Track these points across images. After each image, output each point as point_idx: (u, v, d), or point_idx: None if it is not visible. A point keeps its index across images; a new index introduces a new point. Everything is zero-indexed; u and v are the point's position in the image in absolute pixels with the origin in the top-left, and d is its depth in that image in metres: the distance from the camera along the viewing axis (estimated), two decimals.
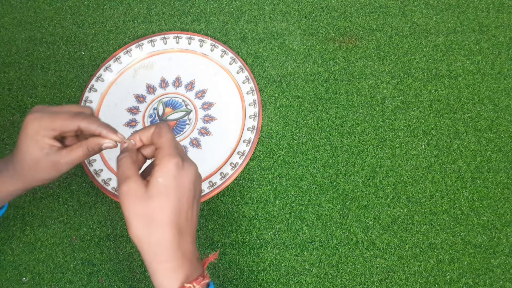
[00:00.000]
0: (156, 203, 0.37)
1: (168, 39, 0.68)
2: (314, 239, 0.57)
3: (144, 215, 0.37)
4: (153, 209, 0.37)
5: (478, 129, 0.63)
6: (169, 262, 0.38)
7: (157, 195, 0.37)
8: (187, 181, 0.39)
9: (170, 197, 0.38)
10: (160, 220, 0.37)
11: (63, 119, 0.41)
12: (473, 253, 0.56)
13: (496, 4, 0.71)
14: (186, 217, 0.39)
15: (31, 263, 0.56)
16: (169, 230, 0.38)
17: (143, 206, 0.37)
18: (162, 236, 0.38)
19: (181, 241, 0.39)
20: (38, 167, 0.42)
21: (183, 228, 0.39)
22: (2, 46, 0.69)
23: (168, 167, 0.38)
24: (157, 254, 0.38)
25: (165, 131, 0.40)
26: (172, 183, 0.38)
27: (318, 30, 0.69)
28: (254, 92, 0.64)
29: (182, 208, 0.39)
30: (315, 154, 0.62)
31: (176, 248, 0.38)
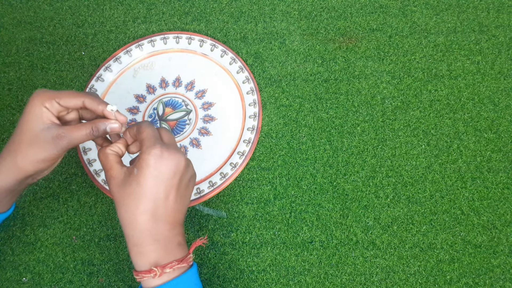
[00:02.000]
0: (129, 190, 0.39)
1: (168, 39, 0.68)
2: (314, 239, 0.57)
3: (120, 200, 0.40)
4: (127, 195, 0.40)
5: (478, 129, 0.63)
6: (141, 246, 0.40)
7: (129, 184, 0.40)
8: (165, 171, 0.40)
9: (142, 186, 0.39)
10: (133, 207, 0.40)
11: (68, 93, 0.42)
12: (473, 253, 0.56)
13: (496, 4, 0.71)
14: (164, 206, 0.41)
15: (31, 263, 0.56)
16: (142, 217, 0.40)
17: (120, 191, 0.40)
18: (134, 222, 0.40)
19: (155, 228, 0.40)
20: (36, 142, 0.41)
21: (160, 216, 0.40)
22: (2, 46, 0.69)
23: (145, 158, 0.39)
24: (130, 237, 0.40)
25: (144, 127, 0.42)
26: (146, 173, 0.39)
27: (318, 30, 0.69)
28: (254, 92, 0.64)
29: (157, 197, 0.40)
30: (315, 154, 0.62)
31: (148, 234, 0.40)
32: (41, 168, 0.43)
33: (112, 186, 0.41)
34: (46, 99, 0.41)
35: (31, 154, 0.41)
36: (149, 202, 0.40)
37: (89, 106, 0.43)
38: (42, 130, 0.41)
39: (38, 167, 0.42)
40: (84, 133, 0.42)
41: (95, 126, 0.42)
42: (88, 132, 0.42)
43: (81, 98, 0.42)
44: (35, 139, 0.41)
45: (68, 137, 0.42)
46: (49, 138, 0.41)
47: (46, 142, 0.41)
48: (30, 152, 0.41)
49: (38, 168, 0.43)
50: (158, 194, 0.40)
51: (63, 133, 0.41)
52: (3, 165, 0.43)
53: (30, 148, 0.41)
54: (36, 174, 0.44)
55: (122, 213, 0.40)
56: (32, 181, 0.46)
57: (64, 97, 0.42)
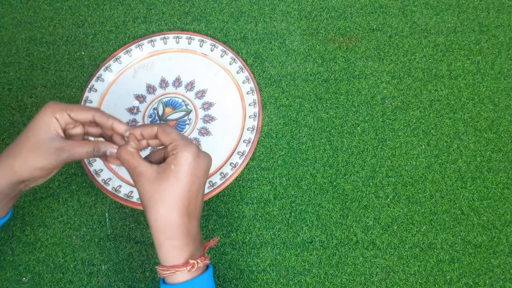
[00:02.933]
0: (165, 186, 0.40)
1: (168, 39, 0.68)
2: (314, 239, 0.57)
3: (155, 196, 0.40)
4: (163, 191, 0.40)
5: (478, 129, 0.63)
6: (176, 240, 0.41)
7: (166, 179, 0.40)
8: (201, 169, 0.42)
9: (180, 182, 0.40)
10: (169, 202, 0.40)
11: (80, 107, 0.44)
12: (473, 253, 0.56)
13: (496, 4, 0.71)
14: (195, 203, 0.42)
15: (31, 263, 0.56)
16: (177, 212, 0.41)
17: (153, 187, 0.40)
18: (171, 217, 0.41)
19: (188, 224, 0.42)
20: (38, 150, 0.42)
21: (191, 212, 0.42)
22: (2, 46, 0.69)
23: (185, 156, 0.41)
24: (164, 232, 0.41)
25: (169, 129, 0.43)
26: (185, 170, 0.41)
27: (318, 30, 0.69)
28: (254, 92, 0.64)
29: (191, 193, 0.41)
30: (315, 154, 0.62)
31: (183, 229, 0.41)
32: (36, 175, 0.43)
33: (143, 182, 0.41)
34: (58, 110, 0.43)
35: (30, 160, 0.42)
36: (186, 198, 0.41)
37: (98, 120, 0.44)
38: (47, 140, 0.42)
39: (33, 174, 0.43)
40: (86, 150, 0.43)
41: (97, 146, 0.44)
42: (90, 151, 0.43)
43: (92, 112, 0.44)
44: (38, 147, 0.42)
45: (69, 151, 0.43)
46: (52, 148, 0.42)
47: (47, 151, 0.42)
48: (30, 157, 0.42)
49: (33, 175, 0.43)
50: (192, 191, 0.42)
51: (66, 146, 0.43)
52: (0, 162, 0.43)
53: (31, 154, 0.42)
54: (29, 181, 0.44)
55: (155, 208, 0.41)
56: (25, 188, 0.46)
57: (76, 110, 0.44)
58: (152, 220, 0.41)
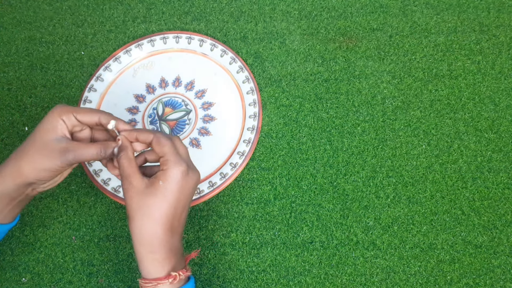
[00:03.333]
0: (152, 201, 0.41)
1: (168, 38, 0.68)
2: (314, 239, 0.57)
3: (141, 209, 0.41)
4: (150, 205, 0.41)
5: (479, 129, 0.63)
6: (158, 254, 0.41)
7: (154, 195, 0.41)
8: (188, 188, 0.42)
9: (167, 199, 0.41)
10: (154, 217, 0.41)
11: (86, 109, 0.44)
12: (474, 254, 0.56)
13: (496, 4, 0.71)
14: (179, 219, 0.43)
15: (30, 264, 0.56)
16: (161, 228, 0.41)
17: (140, 201, 0.41)
18: (155, 232, 0.41)
19: (171, 239, 0.42)
20: (44, 150, 0.42)
21: (175, 228, 0.42)
22: (1, 46, 0.69)
23: (175, 173, 0.41)
24: (147, 245, 0.41)
25: (164, 140, 0.43)
26: (173, 188, 0.41)
27: (318, 30, 0.69)
28: (254, 92, 0.64)
29: (177, 211, 0.42)
30: (315, 154, 0.61)
31: (165, 244, 0.42)
32: (42, 177, 0.43)
33: (132, 193, 0.41)
34: (65, 112, 0.43)
35: (36, 161, 0.42)
36: (171, 215, 0.41)
37: (104, 122, 0.44)
38: (53, 141, 0.42)
39: (39, 176, 0.43)
40: (92, 151, 0.43)
41: (103, 146, 0.44)
42: (97, 152, 0.43)
43: (98, 114, 0.44)
44: (44, 147, 0.42)
45: (75, 152, 0.43)
46: (57, 149, 0.42)
47: (53, 152, 0.42)
48: (35, 158, 0.42)
49: (39, 177, 0.43)
50: (178, 209, 0.42)
51: (71, 147, 0.43)
52: (6, 167, 0.43)
53: (37, 154, 0.42)
54: (36, 183, 0.44)
55: (140, 221, 0.41)
56: (32, 192, 0.46)
57: (82, 112, 0.44)
58: (136, 232, 0.41)
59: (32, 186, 0.44)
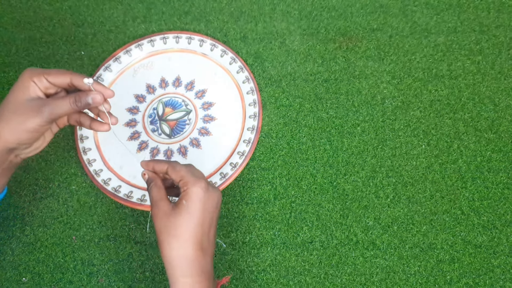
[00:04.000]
0: (180, 221, 0.40)
1: (168, 39, 0.68)
2: (314, 239, 0.57)
3: (169, 231, 0.40)
4: (177, 226, 0.40)
5: (479, 129, 0.63)
6: (190, 277, 0.40)
7: (180, 214, 0.41)
8: (211, 204, 0.42)
9: (193, 216, 0.41)
10: (183, 237, 0.40)
11: (57, 71, 0.44)
12: (473, 253, 0.56)
13: (496, 4, 0.71)
14: (208, 238, 0.42)
15: (30, 263, 0.56)
16: (191, 247, 0.40)
17: (169, 222, 0.41)
18: (184, 252, 0.40)
19: (203, 260, 0.41)
20: (19, 110, 0.42)
21: (205, 247, 0.42)
22: (1, 46, 0.69)
23: (196, 191, 0.41)
24: (178, 268, 0.40)
25: (178, 165, 0.44)
26: (197, 205, 0.41)
27: (318, 30, 0.69)
28: (254, 92, 0.64)
29: (204, 228, 0.41)
30: (315, 154, 0.61)
31: (197, 265, 0.41)
32: (23, 139, 0.43)
33: (159, 216, 0.42)
34: (35, 75, 0.43)
35: (13, 122, 0.42)
36: (199, 233, 0.41)
37: (76, 83, 0.44)
38: (27, 101, 0.42)
39: (19, 138, 0.42)
40: (67, 102, 0.43)
41: (78, 96, 0.44)
42: (71, 101, 0.43)
43: (69, 75, 0.44)
44: (18, 107, 0.42)
45: (50, 105, 0.43)
46: (32, 106, 0.42)
47: (28, 110, 0.42)
48: (12, 120, 0.42)
49: (19, 139, 0.42)
50: (205, 226, 0.42)
51: (45, 102, 0.43)
52: None
53: (13, 115, 0.42)
54: (17, 148, 0.44)
55: (168, 242, 0.41)
56: (16, 159, 0.45)
57: (53, 74, 0.44)
58: (167, 255, 0.41)
59: (14, 152, 0.44)
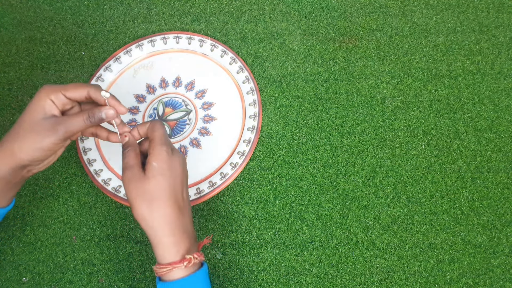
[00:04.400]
0: (154, 182, 0.42)
1: (168, 39, 0.68)
2: (314, 239, 0.57)
3: (145, 195, 0.42)
4: (152, 188, 0.42)
5: (478, 129, 0.63)
6: (171, 236, 0.42)
7: (153, 176, 0.42)
8: (177, 165, 0.44)
9: (165, 176, 0.42)
10: (160, 197, 0.42)
11: (74, 85, 0.44)
12: (473, 253, 0.56)
13: (496, 4, 0.71)
14: (182, 197, 0.44)
15: (31, 263, 0.56)
16: (169, 206, 0.42)
17: (143, 187, 0.42)
18: (164, 212, 0.42)
19: (182, 219, 0.43)
20: (35, 129, 0.42)
21: (182, 206, 0.43)
22: (2, 46, 0.69)
23: (160, 153, 0.43)
24: (159, 229, 0.42)
25: (158, 127, 0.45)
26: (165, 165, 0.43)
27: (318, 30, 0.69)
28: (254, 92, 0.64)
29: (177, 187, 0.43)
30: (315, 154, 0.62)
31: (178, 224, 0.42)
32: (36, 157, 0.43)
33: (132, 181, 0.42)
34: (52, 92, 0.43)
35: (28, 141, 0.42)
36: (173, 193, 0.43)
37: (93, 96, 0.45)
38: (42, 120, 0.42)
39: (33, 156, 0.43)
40: (81, 119, 0.44)
41: (91, 112, 0.44)
42: (85, 118, 0.44)
43: (86, 88, 0.44)
44: (34, 127, 0.42)
45: (65, 124, 0.43)
46: (47, 125, 0.42)
47: (44, 129, 0.42)
48: (28, 138, 0.42)
49: (33, 157, 0.43)
50: (177, 186, 0.43)
51: (60, 121, 0.43)
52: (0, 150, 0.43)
53: (29, 134, 0.42)
54: (31, 164, 0.44)
55: (152, 206, 0.42)
56: (27, 174, 0.45)
57: (70, 89, 0.44)
58: (147, 218, 0.42)
59: (27, 168, 0.44)
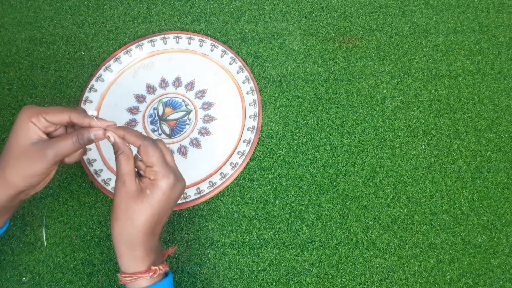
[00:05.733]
0: (138, 207, 0.42)
1: (168, 39, 0.68)
2: (314, 239, 0.57)
3: (126, 212, 0.42)
4: (135, 210, 0.42)
5: (478, 129, 0.63)
6: (138, 251, 0.43)
7: (142, 202, 0.42)
8: (173, 198, 0.44)
9: (153, 208, 0.42)
10: (138, 222, 0.42)
11: (55, 109, 0.43)
12: (473, 253, 0.56)
13: (496, 4, 0.71)
14: (161, 224, 0.44)
15: (31, 263, 0.56)
16: (142, 232, 0.42)
17: (128, 203, 0.42)
18: (137, 236, 0.42)
19: (151, 240, 0.44)
20: (24, 156, 0.41)
21: (156, 231, 0.44)
22: (2, 46, 0.69)
23: (163, 185, 0.42)
24: (127, 244, 0.43)
25: (152, 150, 0.43)
26: (160, 198, 0.42)
27: (318, 30, 0.69)
28: (254, 92, 0.64)
29: (159, 218, 0.43)
30: (315, 154, 0.61)
31: (146, 244, 0.43)
32: (32, 183, 0.43)
33: (122, 194, 0.42)
34: (33, 115, 0.42)
35: (20, 169, 0.42)
36: (153, 222, 0.43)
37: (75, 120, 0.43)
38: (29, 145, 0.42)
39: (28, 182, 0.42)
40: (70, 142, 0.42)
41: (79, 134, 0.43)
42: (74, 141, 0.43)
43: (67, 113, 0.43)
44: (23, 154, 0.41)
45: (54, 148, 0.42)
46: (36, 151, 0.41)
47: (33, 155, 0.41)
48: (18, 166, 0.42)
49: (29, 183, 0.42)
50: (161, 216, 0.43)
51: (49, 145, 0.42)
52: None
53: (19, 162, 0.41)
54: (28, 189, 0.44)
55: (124, 223, 0.42)
56: (25, 197, 0.45)
57: (51, 112, 0.42)
58: (118, 232, 0.42)
59: (24, 192, 0.44)
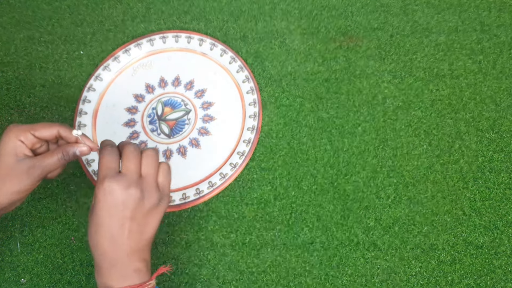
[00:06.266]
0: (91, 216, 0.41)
1: (167, 38, 0.68)
2: (315, 240, 0.57)
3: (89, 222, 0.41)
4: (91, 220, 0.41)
5: (480, 129, 0.62)
6: (100, 268, 0.41)
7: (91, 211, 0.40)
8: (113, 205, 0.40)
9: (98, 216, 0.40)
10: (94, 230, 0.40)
11: (43, 124, 0.43)
12: (475, 254, 0.56)
13: (497, 3, 0.70)
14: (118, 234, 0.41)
15: (29, 264, 0.56)
16: (100, 240, 0.40)
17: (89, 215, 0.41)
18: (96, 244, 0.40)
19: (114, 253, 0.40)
20: (10, 175, 0.42)
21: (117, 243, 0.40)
22: (0, 45, 0.69)
23: (95, 191, 0.40)
24: (94, 257, 0.41)
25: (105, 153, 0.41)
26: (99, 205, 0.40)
27: (319, 29, 0.69)
28: (254, 91, 0.63)
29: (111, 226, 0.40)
30: (316, 154, 0.61)
31: (107, 257, 0.40)
32: (15, 199, 0.43)
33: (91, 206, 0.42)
34: (21, 133, 0.42)
35: (5, 187, 0.42)
36: (106, 231, 0.40)
37: (63, 134, 0.44)
38: (16, 163, 0.42)
39: (12, 199, 0.43)
40: (56, 158, 0.43)
41: (65, 150, 0.43)
42: (60, 157, 0.43)
43: (56, 127, 0.44)
44: (9, 171, 0.42)
45: (40, 166, 0.42)
46: (22, 169, 0.42)
47: (20, 174, 0.42)
48: (4, 184, 0.42)
49: (11, 200, 0.43)
50: (112, 225, 0.40)
51: (35, 163, 0.42)
52: None
53: (4, 180, 0.42)
54: (9, 205, 0.44)
55: (89, 233, 0.41)
56: (5, 211, 0.45)
57: (39, 128, 0.43)
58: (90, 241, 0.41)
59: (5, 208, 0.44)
